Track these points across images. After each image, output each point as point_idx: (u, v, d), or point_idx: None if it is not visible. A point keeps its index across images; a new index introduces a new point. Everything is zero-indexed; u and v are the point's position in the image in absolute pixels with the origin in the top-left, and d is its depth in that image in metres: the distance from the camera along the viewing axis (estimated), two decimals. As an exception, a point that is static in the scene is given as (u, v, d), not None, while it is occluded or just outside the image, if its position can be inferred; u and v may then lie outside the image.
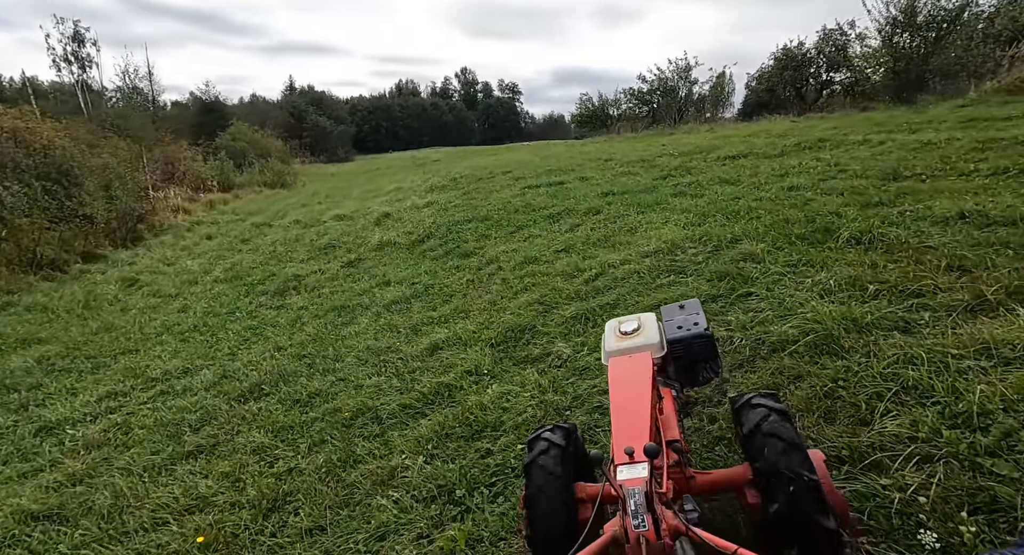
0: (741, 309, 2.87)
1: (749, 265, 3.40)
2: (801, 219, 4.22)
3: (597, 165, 11.08)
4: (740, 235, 4.03)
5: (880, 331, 2.27)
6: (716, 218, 4.84)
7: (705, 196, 6.17)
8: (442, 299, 4.81)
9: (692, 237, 4.33)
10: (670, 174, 8.25)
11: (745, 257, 3.54)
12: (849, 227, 3.64)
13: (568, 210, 6.84)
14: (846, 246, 3.36)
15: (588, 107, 25.28)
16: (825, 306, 2.55)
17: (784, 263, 3.29)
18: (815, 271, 3.07)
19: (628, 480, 1.17)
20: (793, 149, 8.22)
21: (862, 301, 2.56)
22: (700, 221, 4.90)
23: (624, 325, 1.75)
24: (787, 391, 2.07)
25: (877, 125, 9.29)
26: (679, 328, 1.73)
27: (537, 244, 5.65)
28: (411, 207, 10.05)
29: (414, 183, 13.96)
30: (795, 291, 2.87)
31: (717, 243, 3.96)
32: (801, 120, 13.87)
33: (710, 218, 4.91)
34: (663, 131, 19.67)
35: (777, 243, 3.68)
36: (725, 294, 3.11)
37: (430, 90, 72.01)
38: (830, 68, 20.60)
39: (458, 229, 7.36)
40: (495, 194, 9.44)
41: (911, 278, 2.65)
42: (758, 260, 3.45)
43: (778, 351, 2.37)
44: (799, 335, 2.38)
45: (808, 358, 2.23)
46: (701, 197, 6.20)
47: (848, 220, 3.87)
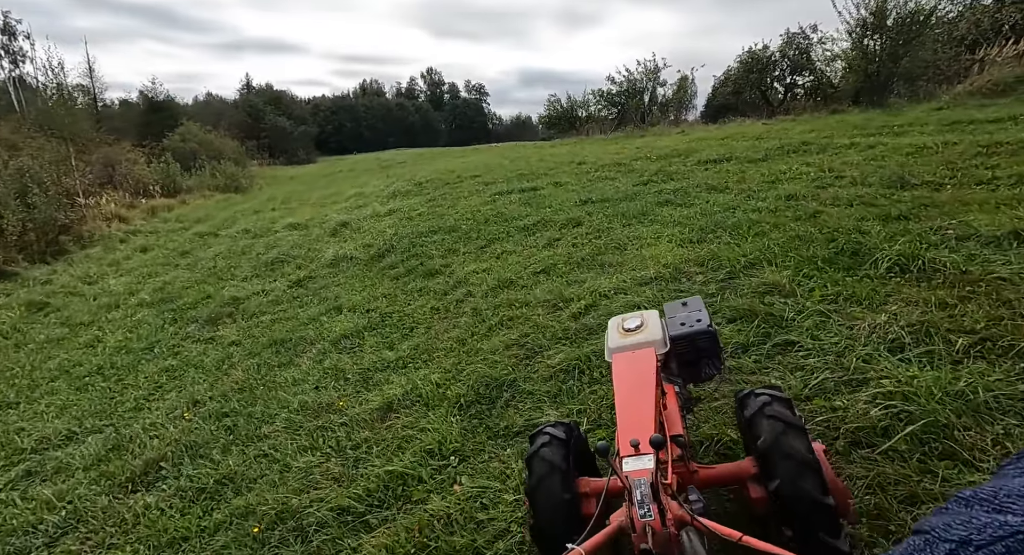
0: (785, 366, 2.20)
1: (777, 300, 2.74)
2: (818, 237, 3.61)
3: (570, 169, 10.43)
4: (754, 258, 3.39)
5: (1005, 418, 1.62)
6: (717, 234, 4.20)
7: (695, 206, 5.56)
8: (401, 333, 4.00)
9: (695, 259, 3.67)
10: (651, 180, 7.64)
11: (769, 288, 2.88)
12: (884, 249, 3.04)
13: (544, 221, 6.12)
14: (891, 275, 2.75)
15: (556, 108, 24.73)
16: (906, 369, 1.90)
17: (821, 297, 2.65)
18: (866, 311, 2.43)
19: (634, 471, 1.17)
20: (777, 153, 7.75)
21: (953, 361, 1.93)
22: (699, 237, 4.25)
23: (627, 322, 1.75)
24: (900, 520, 1.39)
25: (856, 128, 8.95)
26: (682, 325, 1.72)
27: (512, 263, 4.90)
28: (371, 215, 9.15)
29: (376, 188, 13.02)
30: (849, 340, 2.23)
31: (729, 268, 3.31)
32: (773, 122, 13.59)
33: (710, 234, 4.27)
34: (633, 133, 19.26)
35: (802, 269, 3.04)
36: (757, 342, 2.43)
37: (395, 90, 70.33)
38: (794, 71, 20.64)
39: (422, 242, 6.54)
40: (463, 201, 8.65)
41: (1005, 327, 2.04)
42: (786, 292, 2.80)
43: (864, 446, 1.69)
44: (891, 421, 1.70)
45: (918, 464, 1.56)
46: (690, 207, 5.58)
47: (877, 239, 3.27)
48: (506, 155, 17.18)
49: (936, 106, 9.43)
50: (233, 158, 24.18)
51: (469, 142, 53.29)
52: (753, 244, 3.70)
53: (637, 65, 21.01)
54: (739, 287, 3.00)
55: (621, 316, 1.81)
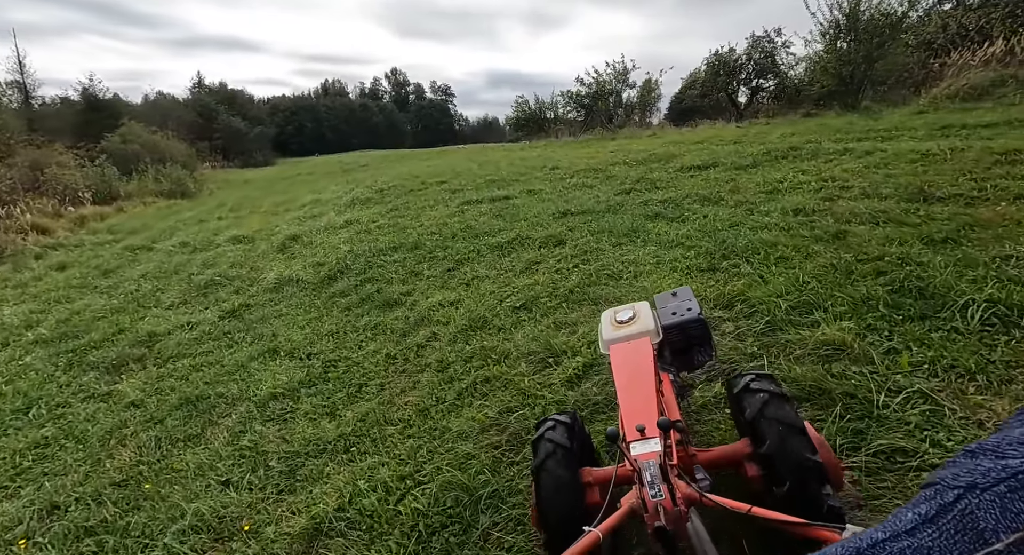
0: (909, 496, 1.47)
1: (849, 369, 2.00)
2: (859, 267, 2.94)
3: (544, 175, 9.68)
4: (793, 298, 2.67)
5: None
6: (731, 260, 3.49)
7: (691, 221, 4.87)
8: (347, 392, 3.12)
9: (716, 298, 2.94)
10: (633, 188, 6.96)
11: (832, 349, 2.15)
12: (963, 290, 2.38)
13: (520, 238, 5.32)
14: (992, 331, 2.08)
15: (524, 110, 24.01)
16: None
17: (911, 368, 1.94)
18: (989, 394, 1.73)
19: (642, 454, 1.20)
20: (765, 159, 7.19)
21: None
22: (708, 263, 3.54)
23: (620, 314, 1.76)
24: None
25: (838, 132, 8.53)
26: (673, 314, 1.71)
27: (485, 292, 4.08)
28: (326, 227, 8.16)
29: (335, 194, 11.96)
30: (985, 447, 1.56)
31: (767, 315, 2.57)
32: (746, 126, 13.22)
33: (721, 259, 3.56)
34: (603, 136, 18.72)
35: (864, 318, 2.34)
36: (847, 445, 1.64)
37: (359, 91, 68.17)
38: (759, 74, 20.56)
39: (380, 262, 5.64)
40: (428, 212, 7.77)
41: None
42: (856, 356, 2.08)
43: None
44: None
45: None
46: (686, 222, 4.89)
47: (943, 274, 2.61)
48: (474, 158, 16.32)
49: (916, 109, 9.13)
50: (181, 161, 22.42)
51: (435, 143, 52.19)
52: (782, 277, 3.00)
53: (606, 66, 20.51)
54: (789, 345, 2.27)
55: (613, 309, 1.82)
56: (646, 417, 1.32)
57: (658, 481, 1.11)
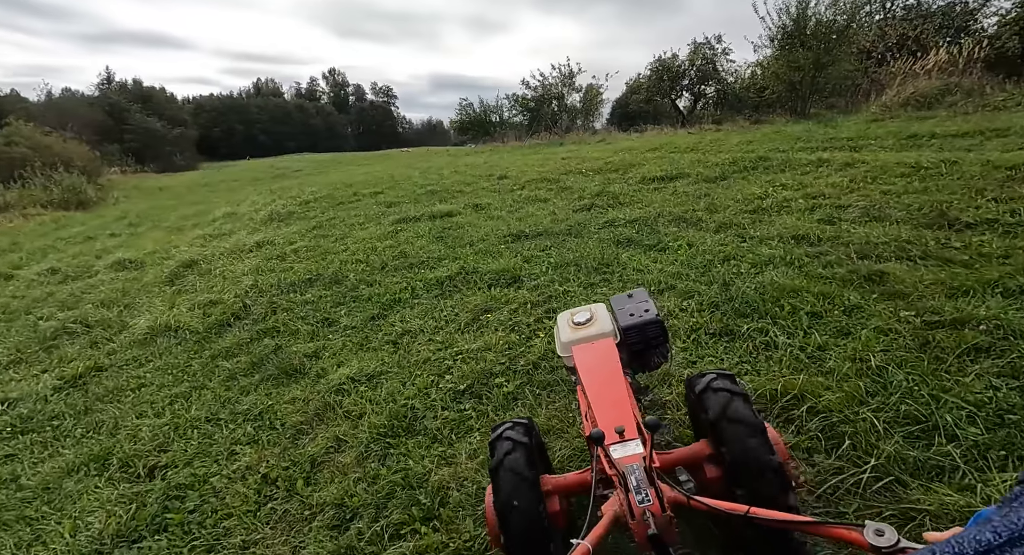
0: None
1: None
2: (941, 339, 2.08)
3: (491, 185, 8.64)
4: (886, 408, 1.75)
5: None
6: (751, 319, 2.57)
7: (672, 250, 3.97)
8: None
9: (756, 397, 1.98)
10: (594, 203, 6.04)
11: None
12: None
13: (465, 272, 4.23)
14: None
15: (469, 113, 22.93)
16: None
17: None
18: None
19: (625, 458, 1.13)
20: (733, 170, 6.49)
21: None
22: (720, 324, 2.60)
23: (576, 316, 1.72)
24: None
25: (799, 140, 8.04)
26: (631, 315, 1.68)
27: (417, 360, 2.97)
28: (232, 250, 6.73)
29: (253, 207, 10.38)
30: None
31: (862, 448, 1.60)
32: (698, 132, 12.78)
33: (737, 318, 2.63)
34: (552, 141, 17.95)
35: (1003, 454, 1.45)
36: None
37: (295, 91, 64.33)
38: (702, 80, 20.52)
39: (289, 302, 4.39)
40: (356, 232, 6.53)
41: None
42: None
43: None
44: None
45: None
46: (666, 251, 3.99)
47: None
48: (415, 165, 15.06)
49: (869, 118, 8.83)
50: (82, 166, 19.62)
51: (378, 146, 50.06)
52: (840, 355, 2.09)
53: (552, 69, 19.80)
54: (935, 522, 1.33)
55: (569, 311, 1.77)
56: (622, 419, 1.25)
57: (645, 486, 1.03)
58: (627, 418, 1.26)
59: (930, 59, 9.44)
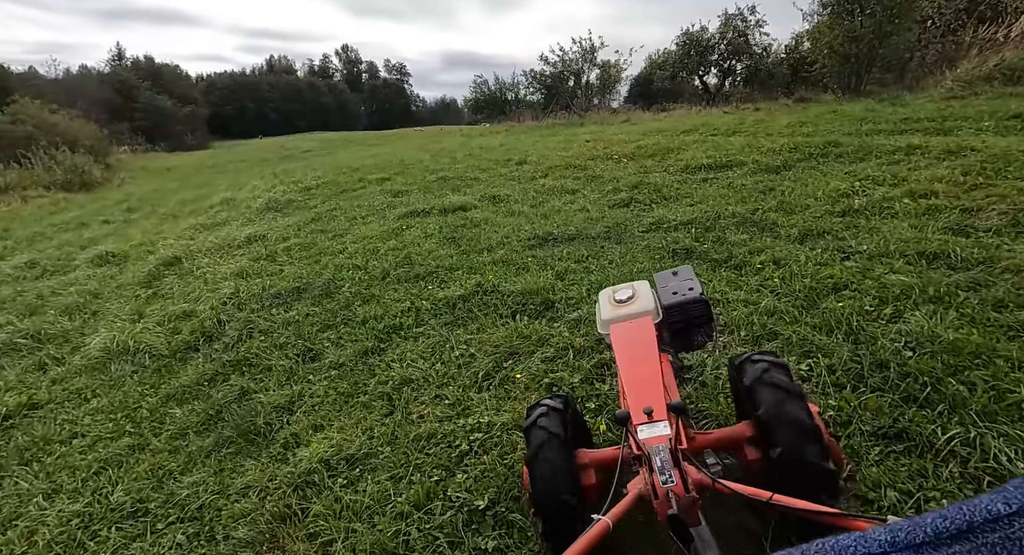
0: None
1: None
2: None
3: (510, 172, 7.67)
4: None
5: None
6: (932, 411, 1.67)
7: (752, 269, 3.03)
8: None
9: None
10: (633, 198, 5.08)
11: None
12: None
13: (482, 291, 3.35)
14: None
15: (483, 91, 21.71)
16: None
17: None
18: None
19: (650, 438, 1.12)
20: (797, 158, 5.46)
21: None
22: (886, 422, 1.69)
23: (618, 293, 1.67)
24: None
25: (864, 122, 6.91)
26: (674, 294, 1.62)
27: (420, 433, 2.13)
28: (220, 245, 5.92)
29: (255, 191, 9.55)
30: None
31: None
32: (734, 111, 11.57)
33: (894, 400, 1.74)
34: (571, 121, 16.77)
35: None
36: None
37: (307, 69, 62.78)
38: (733, 54, 19.01)
39: (268, 321, 3.57)
40: (357, 227, 5.66)
41: None
42: None
43: None
44: None
45: None
46: (743, 270, 3.06)
47: None
48: (427, 147, 14.05)
49: (945, 94, 7.62)
50: (89, 145, 18.95)
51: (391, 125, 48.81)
52: None
53: (572, 44, 18.44)
54: None
55: (612, 288, 1.73)
56: (652, 399, 1.22)
57: (669, 466, 1.01)
58: (657, 399, 1.23)
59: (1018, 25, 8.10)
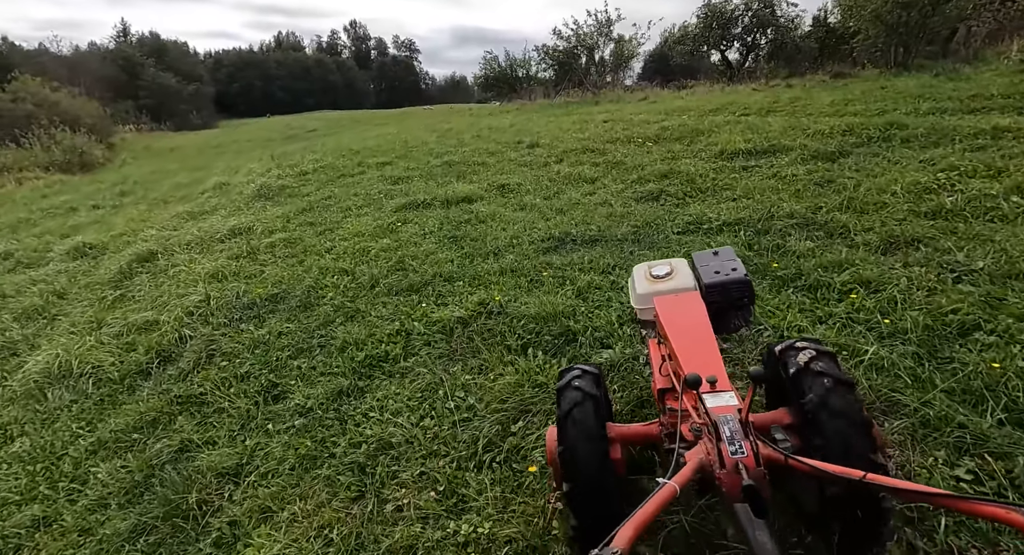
0: None
1: None
2: None
3: (520, 156, 6.93)
4: None
5: None
6: None
7: (835, 294, 2.34)
8: None
9: None
10: (663, 190, 4.34)
11: None
12: None
13: (487, 312, 2.70)
14: None
15: (493, 68, 20.62)
16: None
17: None
18: None
19: (717, 407, 1.05)
20: (855, 143, 4.67)
21: None
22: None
23: (655, 269, 1.63)
24: None
25: (922, 99, 6.04)
26: (716, 273, 1.55)
27: (403, 547, 1.50)
28: (202, 238, 5.32)
29: (247, 177, 8.90)
30: None
31: None
32: (765, 88, 10.61)
33: None
34: (584, 99, 15.78)
35: None
36: None
37: (316, 45, 61.19)
38: (758, 27, 17.73)
39: (235, 342, 2.97)
40: (350, 221, 5.01)
41: None
42: None
43: None
44: None
45: None
46: (822, 295, 2.36)
47: None
48: (434, 127, 13.23)
49: (1013, 68, 6.68)
50: (89, 124, 18.36)
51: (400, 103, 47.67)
52: None
53: (588, 16, 17.27)
54: None
55: (647, 263, 1.68)
56: (712, 369, 1.14)
57: (739, 437, 0.96)
58: (719, 370, 1.18)
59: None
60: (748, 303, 1.52)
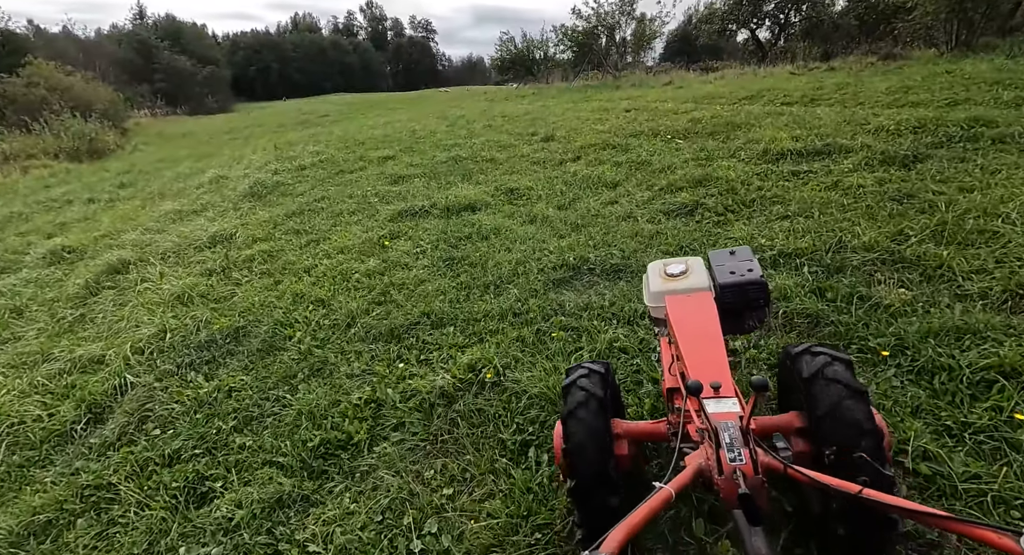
0: None
1: None
2: None
3: (533, 151, 6.20)
4: None
5: None
6: None
7: (991, 416, 1.65)
8: None
9: None
10: (700, 202, 3.61)
11: None
12: None
13: (479, 380, 2.07)
14: None
15: (510, 49, 19.60)
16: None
17: None
18: None
19: (718, 413, 1.04)
20: (930, 144, 3.85)
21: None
22: None
23: (670, 267, 1.58)
24: None
25: (996, 85, 5.15)
26: (732, 273, 1.49)
27: None
28: (183, 245, 4.80)
29: (248, 168, 8.36)
30: None
31: None
32: (803, 72, 9.58)
33: None
34: (604, 82, 14.79)
35: None
36: None
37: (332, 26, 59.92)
38: (792, 2, 16.37)
39: (172, 404, 2.40)
40: (339, 232, 4.39)
41: None
42: None
43: None
44: None
45: None
46: (992, 419, 1.67)
47: None
48: (446, 114, 12.47)
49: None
50: (102, 109, 18.00)
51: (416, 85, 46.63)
52: None
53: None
54: None
55: (662, 261, 1.63)
56: (718, 375, 1.12)
57: (739, 444, 0.93)
58: (724, 375, 1.15)
59: None
60: (763, 305, 1.48)
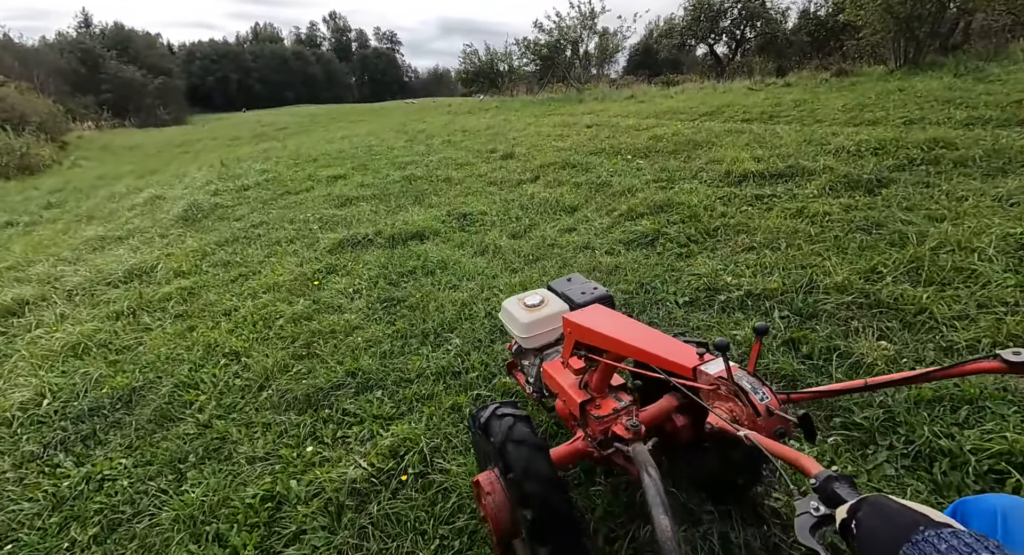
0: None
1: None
2: None
3: (490, 170, 5.88)
4: None
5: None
6: None
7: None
8: None
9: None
10: (660, 231, 3.36)
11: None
12: None
13: (395, 470, 1.70)
14: None
15: (473, 62, 19.39)
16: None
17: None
18: None
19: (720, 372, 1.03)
20: (892, 166, 3.73)
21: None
22: None
23: (528, 299, 1.64)
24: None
25: (947, 104, 5.15)
26: (583, 293, 1.65)
27: None
28: (95, 280, 4.25)
29: (184, 190, 7.73)
30: None
31: None
32: (761, 87, 9.65)
33: None
34: (569, 95, 14.71)
35: None
36: None
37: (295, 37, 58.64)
38: (748, 19, 16.75)
39: (25, 500, 1.92)
40: (272, 264, 3.94)
41: None
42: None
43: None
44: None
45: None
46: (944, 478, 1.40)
47: None
48: (406, 127, 12.08)
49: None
50: (37, 122, 16.79)
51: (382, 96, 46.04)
52: None
53: (571, 8, 16.11)
54: None
55: (516, 296, 1.69)
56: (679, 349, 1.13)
57: (758, 385, 0.99)
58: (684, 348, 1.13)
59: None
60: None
